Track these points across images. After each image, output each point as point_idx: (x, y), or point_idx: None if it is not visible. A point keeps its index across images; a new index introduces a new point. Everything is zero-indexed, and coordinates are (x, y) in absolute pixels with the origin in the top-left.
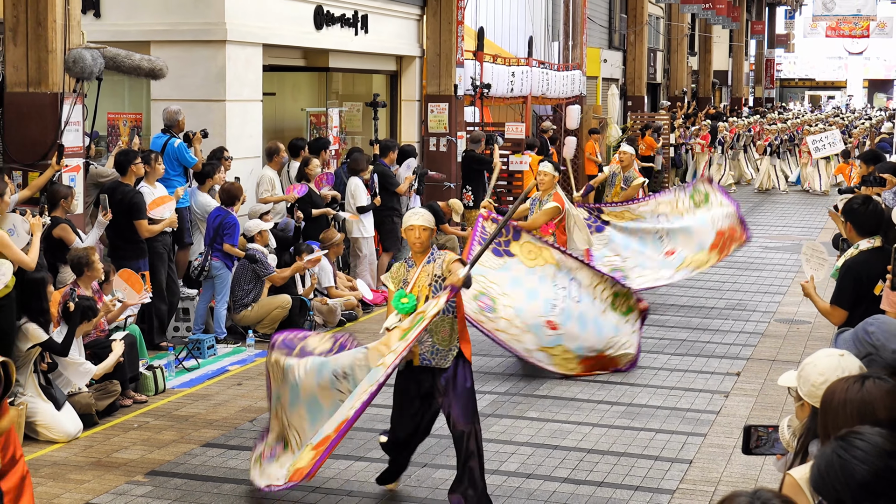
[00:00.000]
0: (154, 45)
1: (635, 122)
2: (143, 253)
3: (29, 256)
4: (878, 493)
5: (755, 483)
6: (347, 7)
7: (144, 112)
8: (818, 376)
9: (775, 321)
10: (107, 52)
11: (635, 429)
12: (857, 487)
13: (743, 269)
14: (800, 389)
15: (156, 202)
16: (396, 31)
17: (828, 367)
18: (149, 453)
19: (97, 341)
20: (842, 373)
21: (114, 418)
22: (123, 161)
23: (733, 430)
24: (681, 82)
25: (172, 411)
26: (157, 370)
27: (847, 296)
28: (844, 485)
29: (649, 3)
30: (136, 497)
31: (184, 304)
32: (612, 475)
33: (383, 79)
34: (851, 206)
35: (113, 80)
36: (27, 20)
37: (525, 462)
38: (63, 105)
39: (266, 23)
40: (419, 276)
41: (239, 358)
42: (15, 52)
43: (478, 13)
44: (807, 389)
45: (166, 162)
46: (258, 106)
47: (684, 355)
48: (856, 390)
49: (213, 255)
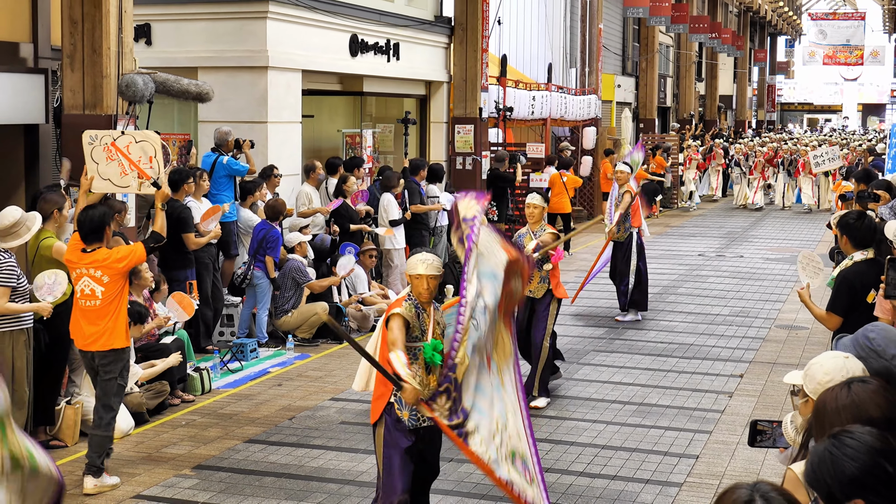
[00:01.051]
0: (201, 70)
1: (647, 143)
2: (191, 263)
3: None
4: (867, 487)
5: (757, 476)
6: (380, 36)
7: (192, 132)
8: (824, 375)
9: (776, 327)
10: (157, 77)
11: (646, 426)
12: (847, 482)
13: (746, 278)
14: (805, 387)
15: (207, 213)
16: (426, 58)
17: (833, 367)
18: (195, 448)
19: (148, 345)
20: (846, 373)
21: (163, 416)
22: (177, 180)
23: (737, 427)
24: (689, 106)
25: (217, 410)
26: (204, 372)
27: (842, 303)
28: (835, 479)
29: (660, 33)
30: (183, 489)
31: (228, 310)
32: (625, 469)
33: (414, 102)
34: (847, 221)
35: (163, 102)
36: (83, 48)
37: (544, 457)
38: (117, 126)
39: (305, 50)
40: (433, 325)
41: (279, 360)
42: (72, 77)
43: (501, 42)
44: (812, 387)
45: (215, 178)
46: (298, 127)
47: (692, 358)
48: (845, 395)
49: (256, 265)
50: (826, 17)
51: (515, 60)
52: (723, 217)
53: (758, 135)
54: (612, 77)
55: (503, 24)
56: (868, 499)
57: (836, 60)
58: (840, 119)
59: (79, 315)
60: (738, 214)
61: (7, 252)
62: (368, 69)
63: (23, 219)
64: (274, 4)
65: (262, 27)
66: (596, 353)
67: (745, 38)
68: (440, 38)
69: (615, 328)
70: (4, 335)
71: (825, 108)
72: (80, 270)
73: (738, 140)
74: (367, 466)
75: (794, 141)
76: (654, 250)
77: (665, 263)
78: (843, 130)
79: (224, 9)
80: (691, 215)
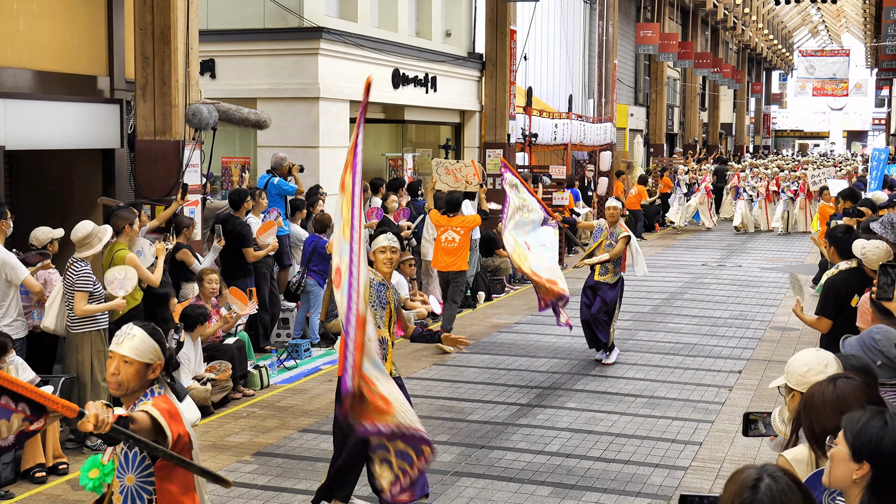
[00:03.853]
0: (260, 100)
1: (656, 165)
2: (250, 273)
3: (154, 275)
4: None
5: (754, 461)
6: (420, 70)
7: (252, 156)
8: (802, 366)
9: (770, 328)
10: (220, 107)
11: (655, 416)
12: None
13: (744, 286)
14: (788, 381)
15: (263, 227)
16: (460, 90)
17: (808, 359)
18: (255, 437)
19: (212, 345)
20: (820, 362)
21: (226, 409)
22: (237, 199)
23: (736, 418)
24: (693, 132)
25: (275, 403)
26: (263, 369)
27: (830, 307)
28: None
29: (668, 67)
30: (244, 473)
31: (284, 314)
32: (637, 455)
33: (449, 129)
34: (835, 234)
35: (225, 130)
36: (154, 80)
37: (565, 444)
38: (184, 150)
39: (352, 83)
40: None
41: (330, 359)
42: (144, 106)
43: (527, 75)
44: (795, 380)
45: (269, 196)
46: (345, 151)
47: (696, 356)
48: (830, 391)
49: (309, 274)
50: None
51: (540, 92)
52: (724, 232)
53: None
54: (626, 107)
55: (529, 59)
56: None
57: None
58: (827, 144)
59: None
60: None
61: (83, 261)
62: (409, 100)
63: (94, 231)
64: (325, 42)
65: (315, 62)
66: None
67: (743, 72)
68: (473, 72)
69: (629, 329)
70: (82, 336)
71: (814, 135)
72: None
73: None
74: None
75: (793, 164)
76: (663, 260)
77: (672, 272)
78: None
79: (280, 46)
80: (696, 230)
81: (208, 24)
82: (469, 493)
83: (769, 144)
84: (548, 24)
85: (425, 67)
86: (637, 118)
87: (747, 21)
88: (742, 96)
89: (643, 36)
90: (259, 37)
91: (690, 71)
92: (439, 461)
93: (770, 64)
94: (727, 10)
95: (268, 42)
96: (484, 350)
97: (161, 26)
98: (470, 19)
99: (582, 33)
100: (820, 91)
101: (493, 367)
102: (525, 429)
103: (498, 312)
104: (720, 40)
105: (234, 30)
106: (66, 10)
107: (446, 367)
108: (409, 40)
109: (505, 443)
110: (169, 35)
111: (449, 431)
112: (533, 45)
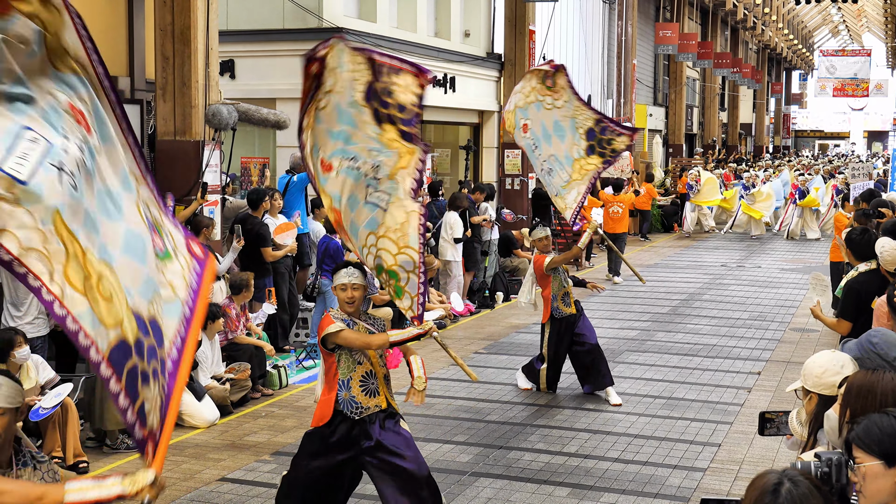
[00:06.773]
0: (279, 101)
1: (675, 166)
2: (269, 273)
3: None
4: None
5: (773, 462)
6: (439, 70)
7: (271, 156)
8: (818, 368)
9: (790, 330)
10: (240, 107)
11: (674, 418)
12: None
13: (763, 286)
14: (805, 384)
15: (280, 228)
16: (479, 90)
17: (824, 361)
18: (274, 437)
19: (231, 344)
20: (836, 364)
21: (245, 408)
22: (256, 199)
23: (755, 419)
24: (713, 133)
25: (293, 402)
26: (281, 369)
27: (850, 309)
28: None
29: (687, 67)
30: (263, 473)
31: (303, 314)
32: (655, 456)
33: (468, 129)
34: (851, 237)
35: (245, 130)
36: (174, 81)
37: (583, 445)
38: (204, 151)
39: None
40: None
41: None
42: (164, 107)
43: None
44: (812, 382)
45: (289, 195)
46: None
47: (715, 357)
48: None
49: (323, 274)
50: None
51: None
52: (743, 233)
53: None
54: (645, 107)
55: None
56: None
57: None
58: (848, 144)
59: None
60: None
61: None
62: (428, 100)
63: None
64: (344, 43)
65: None
66: (630, 352)
67: (763, 72)
68: (492, 73)
69: (647, 330)
70: None
71: (835, 135)
72: None
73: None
74: (426, 453)
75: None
76: (682, 261)
77: (691, 273)
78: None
79: (299, 46)
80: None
81: (228, 25)
82: (487, 494)
83: (789, 145)
84: (567, 24)
85: (444, 68)
86: (656, 118)
87: (767, 21)
88: (762, 96)
89: (662, 36)
90: (278, 37)
91: (710, 71)
92: (457, 461)
93: (790, 64)
94: (747, 9)
95: (287, 42)
96: (502, 350)
97: (181, 27)
98: (489, 19)
99: (601, 33)
100: (840, 91)
101: (512, 367)
102: (543, 429)
103: (516, 313)
104: (740, 40)
105: (254, 30)
106: (85, 10)
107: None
108: (428, 41)
109: (523, 443)
110: (189, 35)
111: (467, 432)
112: (552, 45)
